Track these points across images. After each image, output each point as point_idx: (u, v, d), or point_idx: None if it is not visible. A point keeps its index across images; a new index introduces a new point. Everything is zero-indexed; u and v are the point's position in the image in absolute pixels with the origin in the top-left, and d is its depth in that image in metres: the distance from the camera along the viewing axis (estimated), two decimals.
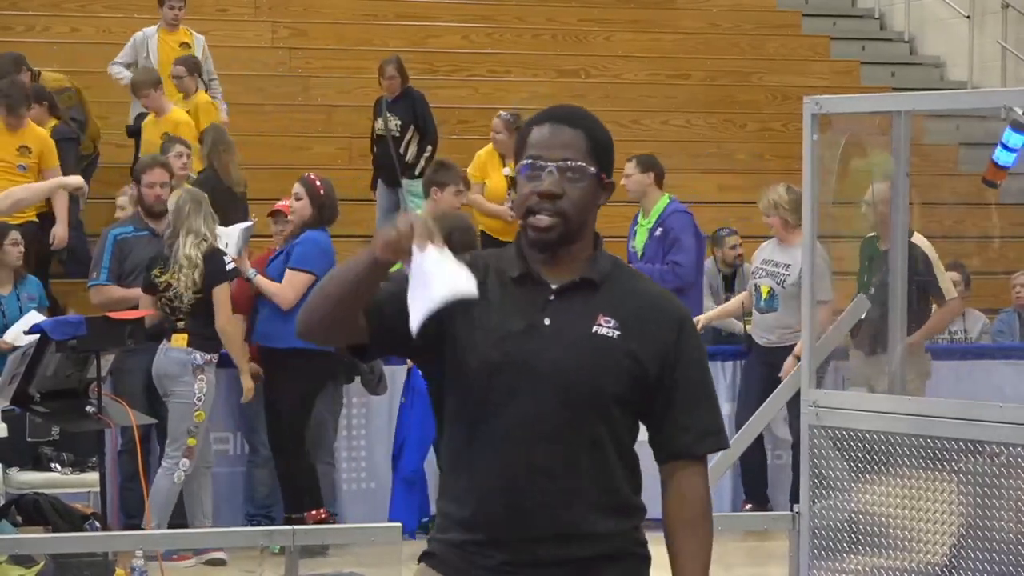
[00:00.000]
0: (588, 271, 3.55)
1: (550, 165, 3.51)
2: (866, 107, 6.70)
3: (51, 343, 7.52)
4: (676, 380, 3.54)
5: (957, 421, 5.79)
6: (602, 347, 3.49)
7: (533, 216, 3.51)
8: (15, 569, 7.80)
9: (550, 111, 3.62)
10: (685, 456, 3.58)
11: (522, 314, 3.50)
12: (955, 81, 16.52)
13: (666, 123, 15.03)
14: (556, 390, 3.45)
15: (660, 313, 3.57)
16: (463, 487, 3.52)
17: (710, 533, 3.61)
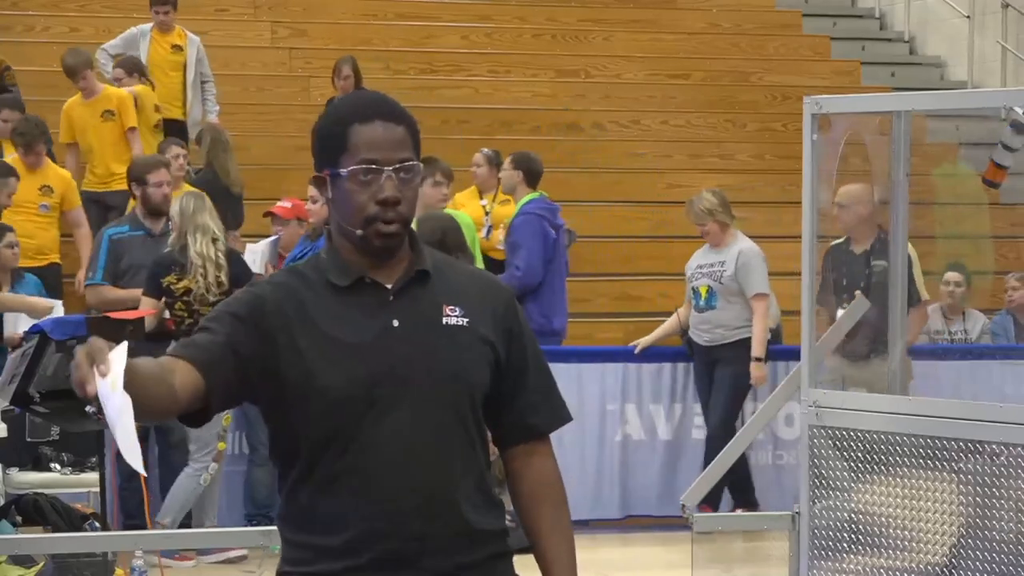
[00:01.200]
0: (418, 263, 3.36)
1: (387, 170, 3.28)
2: (866, 107, 6.70)
3: (51, 343, 7.51)
4: (524, 360, 3.42)
5: (957, 421, 5.78)
6: (457, 338, 3.33)
7: (377, 224, 3.27)
8: (15, 569, 7.80)
9: (370, 106, 3.34)
10: (540, 436, 3.45)
11: (368, 323, 3.28)
12: (955, 81, 16.52)
13: (666, 123, 15.03)
14: (425, 392, 3.28)
15: (495, 295, 3.43)
16: (335, 514, 3.27)
17: (569, 509, 3.49)
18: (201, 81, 12.80)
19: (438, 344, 3.31)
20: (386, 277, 3.33)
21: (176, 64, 12.78)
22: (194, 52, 12.81)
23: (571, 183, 13.79)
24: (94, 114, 11.72)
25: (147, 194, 9.50)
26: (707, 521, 7.06)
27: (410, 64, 15.09)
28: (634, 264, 12.69)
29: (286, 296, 3.31)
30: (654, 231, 13.26)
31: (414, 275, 3.35)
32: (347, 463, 3.26)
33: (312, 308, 3.30)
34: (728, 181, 14.13)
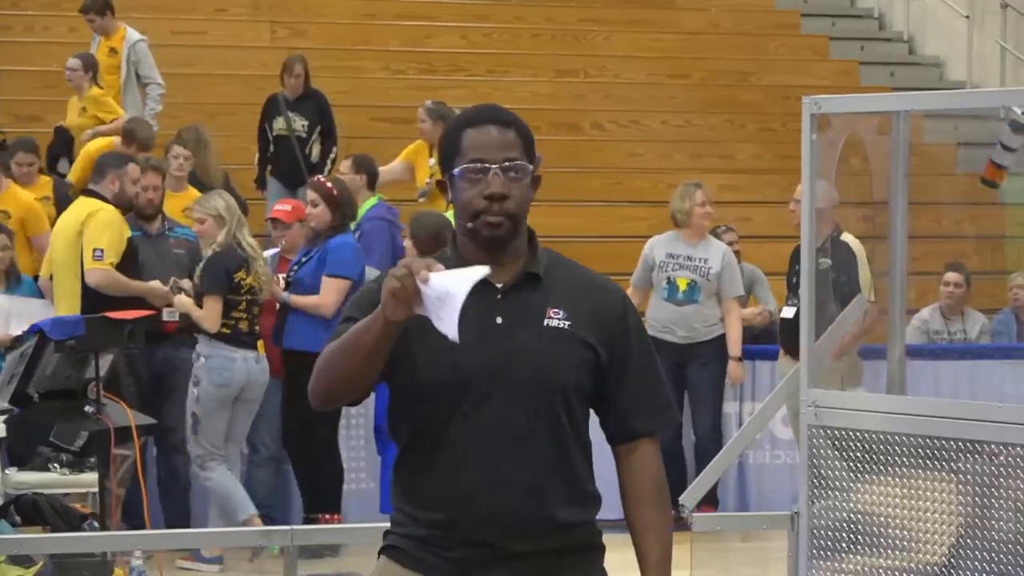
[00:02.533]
0: (530, 266, 3.60)
1: (494, 167, 3.54)
2: (865, 107, 6.70)
3: (50, 343, 7.51)
4: (626, 362, 3.62)
5: (956, 421, 5.79)
6: (556, 339, 3.55)
7: (484, 216, 3.54)
8: (14, 569, 7.79)
9: (482, 112, 3.62)
10: (643, 435, 3.67)
11: (473, 318, 3.44)
12: (954, 81, 16.52)
13: (665, 123, 15.03)
14: (517, 387, 3.51)
15: (603, 298, 3.64)
16: (429, 491, 3.56)
17: (670, 508, 3.70)
18: (144, 83, 12.67)
19: (536, 344, 3.54)
20: (498, 277, 3.56)
21: (113, 67, 12.66)
22: (128, 54, 12.67)
23: (571, 183, 13.80)
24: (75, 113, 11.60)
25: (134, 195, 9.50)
26: (706, 521, 7.07)
27: (409, 64, 15.09)
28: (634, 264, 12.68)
29: None
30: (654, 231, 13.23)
31: (524, 276, 3.59)
32: (440, 449, 3.53)
33: None
34: (728, 181, 14.15)
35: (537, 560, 3.55)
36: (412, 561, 3.60)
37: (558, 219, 13.19)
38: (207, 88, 13.43)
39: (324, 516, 9.18)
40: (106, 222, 9.12)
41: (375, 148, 13.82)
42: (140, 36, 12.86)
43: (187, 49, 14.72)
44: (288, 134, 12.21)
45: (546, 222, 12.93)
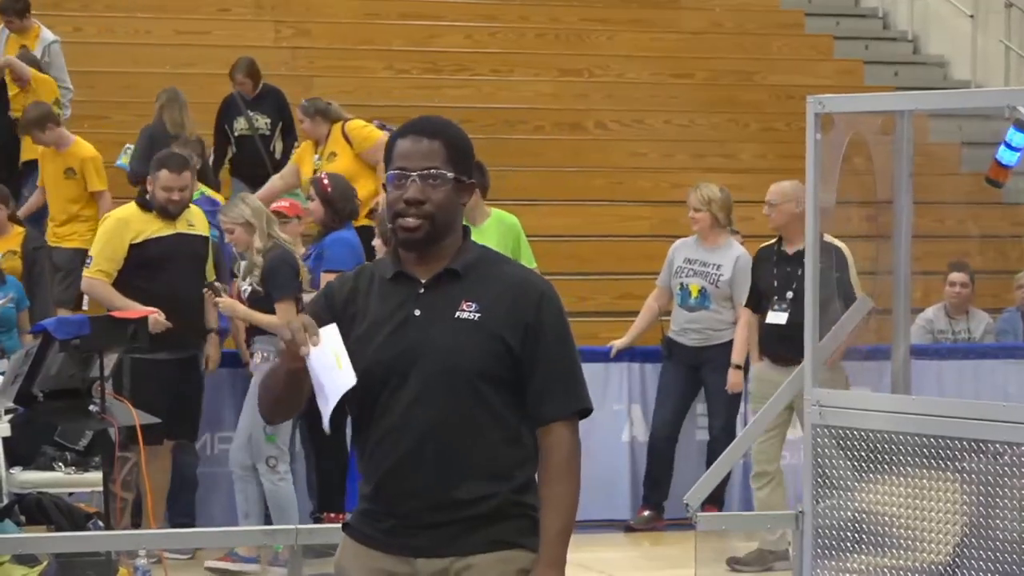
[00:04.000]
0: (452, 263, 3.96)
1: (413, 174, 3.92)
2: (869, 107, 6.70)
3: (54, 342, 7.51)
4: (536, 353, 3.92)
5: (961, 420, 5.79)
6: (465, 330, 3.90)
7: (401, 219, 3.93)
8: (18, 569, 7.80)
9: (412, 124, 4.00)
10: (553, 419, 3.95)
11: (396, 310, 3.94)
12: (958, 80, 16.51)
13: (669, 123, 15.02)
14: (430, 375, 3.88)
15: (519, 292, 3.95)
16: (365, 468, 3.99)
17: (576, 483, 3.97)
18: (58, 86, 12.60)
19: (444, 333, 3.90)
20: (425, 272, 3.97)
21: None
22: (40, 54, 12.61)
23: (573, 183, 13.80)
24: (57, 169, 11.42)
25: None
26: (711, 520, 7.07)
27: (413, 64, 15.09)
28: (637, 264, 12.67)
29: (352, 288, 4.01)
30: (657, 230, 13.25)
31: (443, 272, 3.95)
32: (371, 430, 3.94)
33: (365, 296, 3.99)
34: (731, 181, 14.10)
35: (455, 526, 3.89)
36: (357, 534, 4.02)
37: (560, 219, 13.20)
38: (210, 88, 13.40)
39: (328, 515, 9.19)
40: (104, 229, 9.14)
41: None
42: (54, 37, 12.85)
43: (190, 49, 14.72)
44: (251, 133, 12.23)
45: (548, 222, 12.99)
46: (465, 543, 3.91)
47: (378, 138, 11.12)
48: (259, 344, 8.81)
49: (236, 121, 12.33)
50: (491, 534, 3.91)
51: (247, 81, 12.38)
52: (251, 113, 12.24)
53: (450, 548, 3.90)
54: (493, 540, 3.91)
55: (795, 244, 9.05)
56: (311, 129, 11.23)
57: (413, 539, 3.92)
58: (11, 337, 9.85)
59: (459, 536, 3.90)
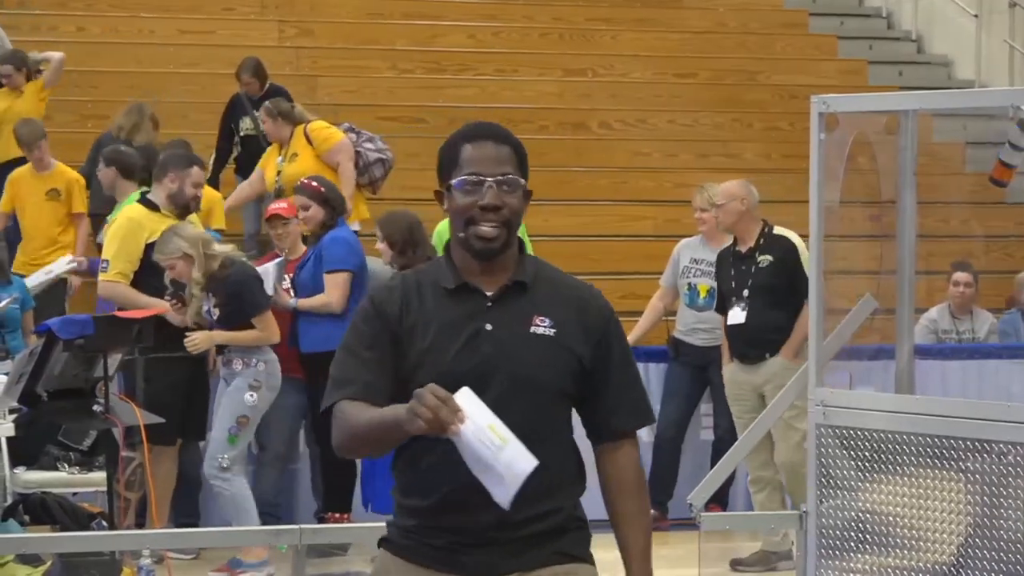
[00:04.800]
0: (518, 274, 3.85)
1: (489, 180, 3.79)
2: (873, 106, 6.69)
3: (58, 342, 7.51)
4: (608, 367, 3.87)
5: (965, 420, 5.79)
6: (541, 346, 3.79)
7: (476, 227, 3.79)
8: (22, 568, 7.80)
9: (476, 129, 3.92)
10: (624, 434, 3.91)
11: (465, 323, 3.78)
12: (963, 80, 16.49)
13: (673, 122, 15.01)
14: (502, 391, 3.72)
15: (587, 306, 3.89)
16: (419, 485, 3.81)
17: (648, 499, 3.94)
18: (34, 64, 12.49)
19: (522, 350, 3.79)
20: (488, 284, 3.84)
21: None
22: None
23: (577, 182, 13.80)
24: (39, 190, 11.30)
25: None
26: (715, 520, 7.07)
27: (417, 63, 15.09)
28: (640, 263, 12.67)
29: (402, 300, 3.83)
30: (660, 230, 13.24)
31: (512, 285, 3.84)
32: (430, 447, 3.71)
33: (421, 311, 3.81)
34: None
35: (510, 544, 3.77)
36: (401, 549, 3.86)
37: (564, 218, 13.20)
38: (214, 87, 13.41)
39: (333, 515, 9.19)
40: (117, 231, 9.08)
41: None
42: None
43: (194, 48, 14.73)
44: (256, 133, 12.22)
45: (552, 221, 12.99)
46: (529, 558, 3.81)
47: (338, 140, 11.15)
48: (236, 353, 8.68)
49: (242, 121, 12.34)
50: (554, 547, 3.83)
51: (253, 81, 12.39)
52: (257, 113, 12.25)
53: (513, 564, 3.80)
54: (556, 553, 3.83)
55: (746, 243, 9.09)
56: (273, 131, 11.29)
57: (472, 556, 3.79)
58: (15, 337, 9.86)
59: (522, 552, 3.80)
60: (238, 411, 8.63)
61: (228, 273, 8.57)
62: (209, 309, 8.63)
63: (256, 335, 8.63)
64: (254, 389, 8.64)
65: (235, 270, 8.61)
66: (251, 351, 8.64)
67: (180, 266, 8.57)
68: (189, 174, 9.07)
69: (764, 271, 9.01)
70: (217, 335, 8.64)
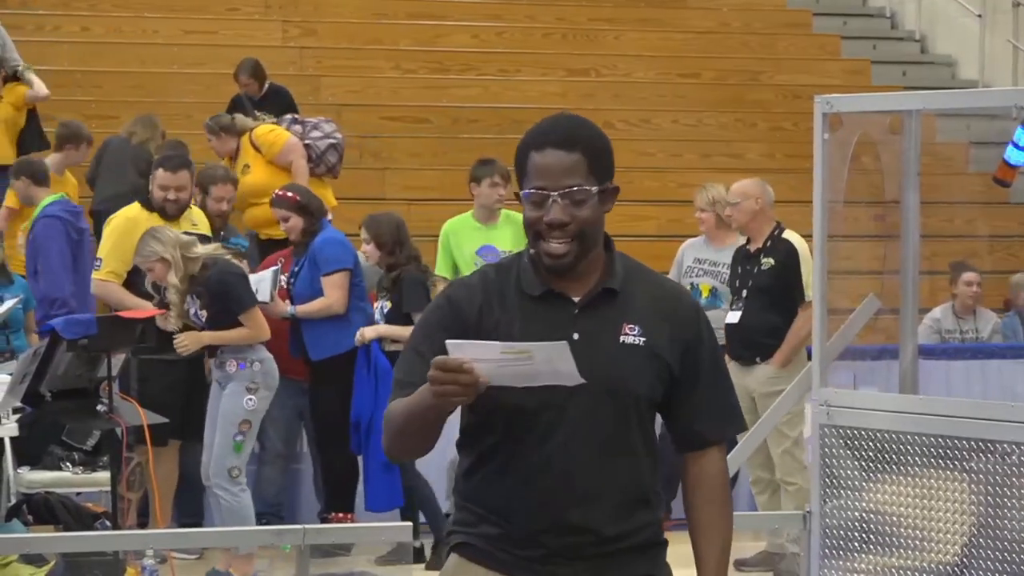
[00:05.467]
0: (607, 280, 3.66)
1: (554, 195, 3.59)
2: (877, 106, 6.68)
3: (62, 342, 7.51)
4: (697, 373, 3.69)
5: (968, 420, 5.78)
6: (632, 355, 3.61)
7: (544, 243, 3.60)
8: (26, 568, 7.81)
9: (546, 133, 3.64)
10: (711, 442, 3.76)
11: (550, 332, 3.53)
12: (966, 80, 16.49)
13: (676, 122, 15.02)
14: (593, 403, 3.56)
15: (678, 310, 3.70)
16: (505, 496, 3.64)
17: (731, 509, 3.78)
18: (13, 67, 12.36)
19: (612, 360, 3.60)
20: (575, 291, 3.64)
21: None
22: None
23: None
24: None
25: (204, 204, 9.48)
26: None
27: (420, 63, 15.09)
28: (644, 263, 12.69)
29: (482, 300, 3.64)
30: (664, 230, 13.25)
31: (601, 292, 3.65)
32: (517, 459, 3.60)
33: (503, 313, 3.63)
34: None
35: (600, 559, 3.64)
36: (481, 555, 3.68)
37: None
38: (218, 88, 13.42)
39: (336, 515, 9.19)
40: (112, 230, 9.09)
41: (385, 147, 13.88)
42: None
43: (198, 48, 14.74)
44: None
45: None
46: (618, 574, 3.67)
47: (285, 141, 11.10)
48: (230, 353, 8.50)
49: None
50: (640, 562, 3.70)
51: (252, 82, 12.38)
52: (258, 113, 12.24)
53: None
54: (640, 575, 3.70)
55: (756, 243, 9.08)
56: (218, 146, 11.22)
57: (562, 569, 3.63)
58: (19, 337, 9.86)
59: (611, 568, 3.65)
60: (239, 416, 8.43)
61: (208, 274, 8.40)
62: (196, 312, 8.50)
63: (246, 333, 8.46)
64: (252, 392, 8.46)
65: (215, 270, 8.43)
66: (245, 351, 8.47)
67: (158, 269, 8.45)
68: (154, 176, 9.05)
69: (765, 273, 9.01)
70: (205, 336, 8.50)
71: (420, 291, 8.95)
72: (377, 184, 13.18)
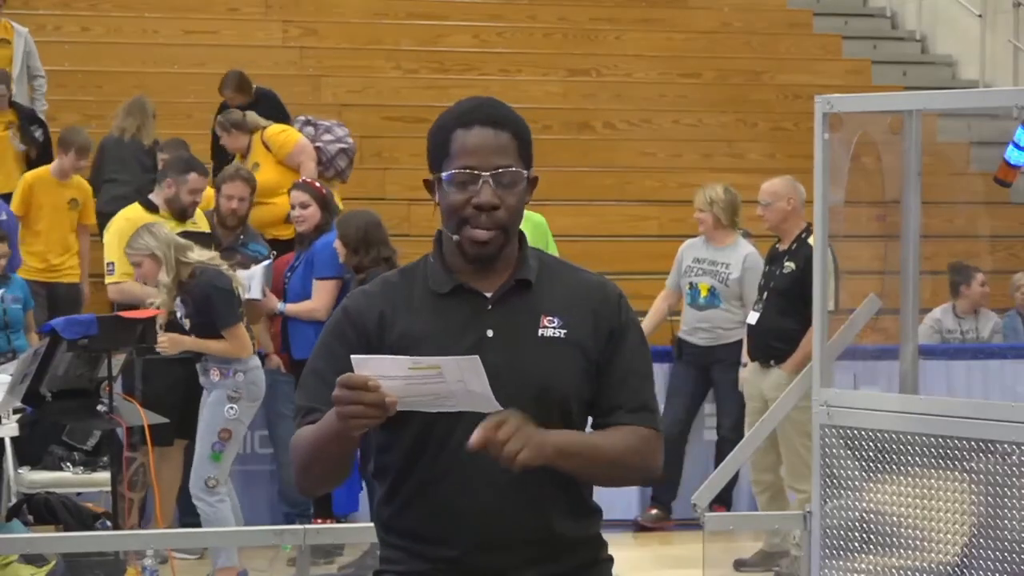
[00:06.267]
0: (520, 272, 3.36)
1: (485, 175, 3.28)
2: (878, 106, 6.69)
3: (62, 342, 7.52)
4: (613, 362, 3.35)
5: (969, 420, 5.78)
6: (552, 349, 3.31)
7: (469, 228, 3.29)
8: (26, 568, 7.81)
9: (474, 112, 3.33)
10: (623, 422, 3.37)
11: (462, 332, 3.28)
12: (967, 80, 16.49)
13: (677, 122, 15.02)
14: (513, 404, 3.17)
15: (599, 298, 3.39)
16: (428, 522, 3.31)
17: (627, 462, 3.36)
18: (31, 76, 12.50)
19: (531, 356, 3.30)
20: (487, 285, 3.34)
21: (4, 59, 12.36)
22: (21, 45, 12.45)
23: (582, 182, 13.80)
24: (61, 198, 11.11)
25: (217, 202, 9.48)
26: (719, 521, 7.06)
27: (421, 63, 15.10)
28: (645, 263, 12.68)
29: (383, 307, 3.33)
30: (665, 230, 13.25)
31: (514, 284, 3.35)
32: (436, 477, 3.27)
33: (409, 318, 3.32)
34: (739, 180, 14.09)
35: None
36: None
37: (568, 218, 13.19)
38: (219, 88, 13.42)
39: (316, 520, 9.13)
40: (118, 232, 9.11)
41: (387, 147, 13.88)
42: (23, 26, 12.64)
43: (199, 48, 14.74)
44: None
45: (556, 222, 12.95)
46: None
47: (296, 141, 11.14)
48: (213, 362, 8.29)
49: None
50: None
51: (237, 96, 12.26)
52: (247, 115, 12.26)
53: None
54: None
55: (784, 243, 9.06)
56: (230, 143, 11.27)
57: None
58: (19, 337, 9.87)
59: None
60: (219, 425, 8.22)
61: (195, 283, 8.22)
62: (181, 317, 8.38)
63: (225, 347, 8.26)
64: (233, 401, 8.24)
65: (201, 280, 8.23)
66: (228, 360, 8.28)
67: (147, 264, 8.31)
68: (186, 181, 9.10)
69: (785, 276, 8.97)
70: (187, 341, 8.32)
71: None
72: (378, 184, 13.18)
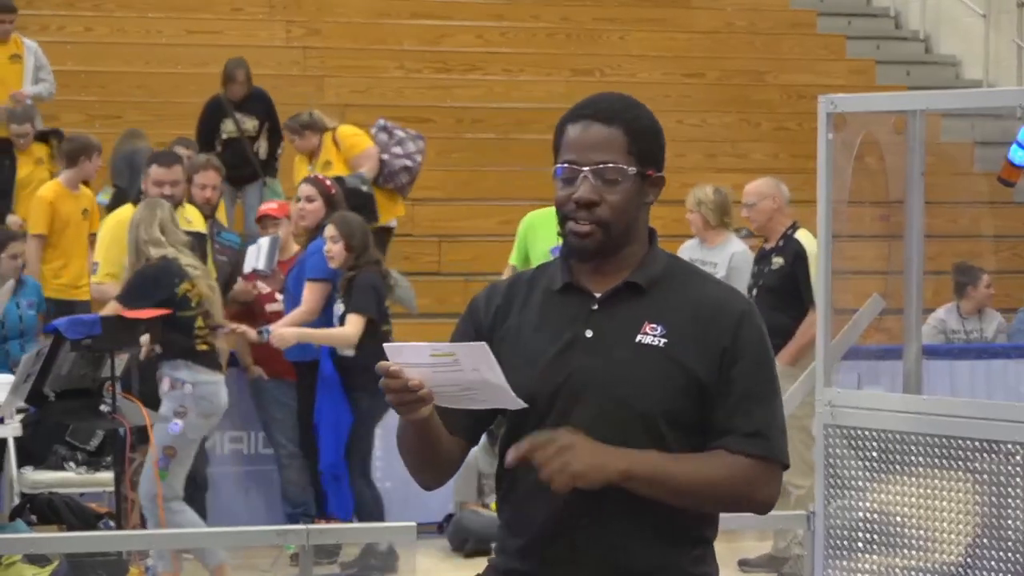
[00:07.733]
0: (634, 275, 3.26)
1: (584, 170, 3.22)
2: (881, 106, 6.68)
3: (65, 342, 7.52)
4: (729, 386, 3.18)
5: (973, 420, 5.77)
6: (647, 358, 3.17)
7: (570, 223, 3.23)
8: (30, 568, 7.81)
9: (585, 105, 3.28)
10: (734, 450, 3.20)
11: (563, 329, 3.22)
12: (970, 80, 16.49)
13: (681, 122, 15.01)
14: (598, 410, 3.14)
15: (717, 314, 3.22)
16: (511, 516, 3.29)
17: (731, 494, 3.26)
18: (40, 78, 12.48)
19: (622, 362, 3.18)
20: (600, 285, 3.27)
21: (16, 74, 12.36)
22: (32, 61, 12.44)
23: None
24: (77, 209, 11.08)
25: (190, 192, 9.49)
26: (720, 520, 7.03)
27: (424, 63, 15.10)
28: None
29: (502, 301, 3.32)
30: (669, 230, 13.21)
31: (621, 286, 3.25)
32: (524, 470, 3.17)
33: (521, 309, 3.29)
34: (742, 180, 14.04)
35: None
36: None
37: None
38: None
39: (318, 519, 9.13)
40: (107, 232, 9.10)
41: None
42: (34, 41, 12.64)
43: (202, 48, 14.74)
44: (239, 136, 12.25)
45: None
46: None
47: (365, 147, 11.21)
48: (167, 369, 8.11)
49: (223, 124, 12.34)
50: None
51: (246, 83, 12.35)
52: (239, 116, 12.29)
53: None
54: None
55: (771, 241, 9.10)
56: (302, 145, 11.39)
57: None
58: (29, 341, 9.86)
59: None
60: (163, 441, 7.96)
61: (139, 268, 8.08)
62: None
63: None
64: (179, 416, 7.98)
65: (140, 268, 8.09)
66: (179, 369, 8.04)
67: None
68: (148, 174, 9.04)
69: (774, 273, 9.01)
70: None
71: (369, 293, 8.66)
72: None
